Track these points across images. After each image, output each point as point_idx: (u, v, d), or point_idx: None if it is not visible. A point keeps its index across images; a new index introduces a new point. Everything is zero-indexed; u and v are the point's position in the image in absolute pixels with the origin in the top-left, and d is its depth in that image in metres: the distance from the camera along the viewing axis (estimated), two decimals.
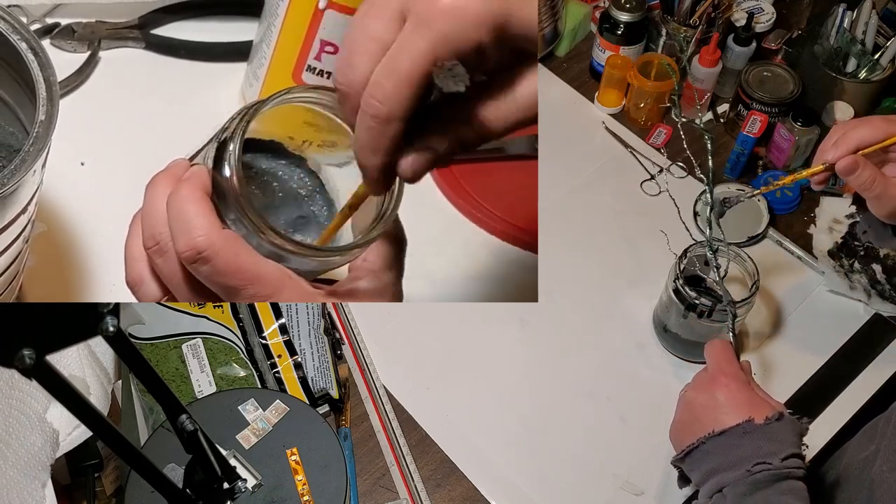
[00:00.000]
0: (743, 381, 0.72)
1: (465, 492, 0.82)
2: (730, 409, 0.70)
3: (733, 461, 0.67)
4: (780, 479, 0.66)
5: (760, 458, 0.66)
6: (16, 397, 0.66)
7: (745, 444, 0.68)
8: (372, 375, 0.88)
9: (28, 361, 0.46)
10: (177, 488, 0.64)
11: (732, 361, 0.74)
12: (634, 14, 1.07)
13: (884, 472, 0.68)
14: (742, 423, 0.68)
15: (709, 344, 0.77)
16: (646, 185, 1.04)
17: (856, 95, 1.01)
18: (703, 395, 0.73)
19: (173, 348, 0.84)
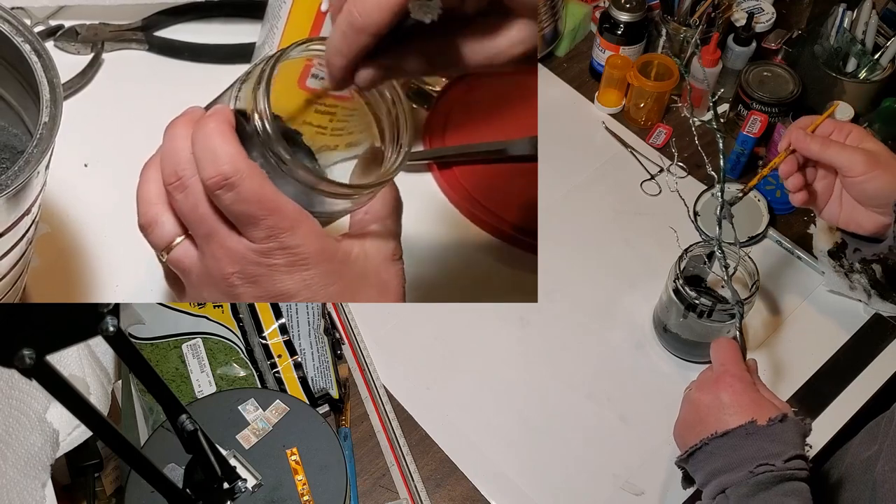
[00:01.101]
0: (747, 382, 0.72)
1: (465, 492, 0.82)
2: (733, 410, 0.70)
3: (736, 462, 0.67)
4: (782, 480, 0.65)
5: (763, 459, 0.66)
6: (16, 397, 0.66)
7: (747, 445, 0.68)
8: (372, 375, 0.88)
9: (28, 361, 0.46)
10: (177, 488, 0.64)
11: (738, 361, 0.74)
12: (634, 14, 1.07)
13: (886, 472, 0.68)
14: (745, 425, 0.68)
15: (714, 343, 0.77)
16: (646, 185, 1.04)
17: (856, 95, 1.02)
18: (708, 396, 0.73)
19: (173, 348, 0.84)
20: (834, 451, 0.82)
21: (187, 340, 0.85)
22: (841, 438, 0.84)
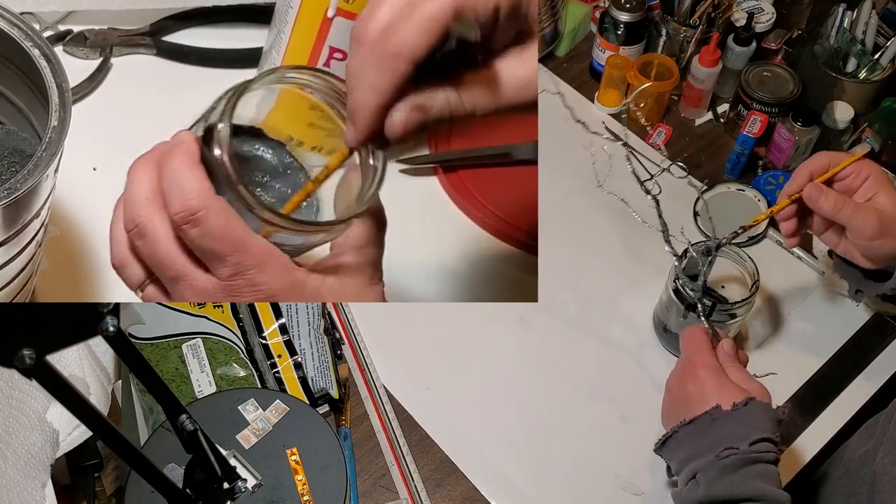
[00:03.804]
0: (713, 368, 0.73)
1: (465, 492, 0.82)
2: (700, 396, 0.71)
3: (704, 448, 0.68)
4: (748, 463, 0.66)
5: (728, 443, 0.67)
6: (16, 397, 0.66)
7: (713, 430, 0.69)
8: (372, 375, 0.88)
9: (28, 361, 0.46)
10: (177, 488, 0.64)
11: (702, 349, 0.75)
12: (634, 14, 1.07)
13: (886, 465, 0.68)
14: (710, 410, 0.69)
15: (683, 332, 0.77)
16: (646, 184, 1.04)
17: (856, 95, 1.01)
18: (678, 385, 0.75)
19: (173, 348, 0.84)
20: (833, 451, 0.82)
21: (187, 340, 0.85)
22: (841, 438, 0.84)
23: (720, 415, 0.69)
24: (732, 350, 0.76)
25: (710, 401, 0.70)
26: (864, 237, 0.75)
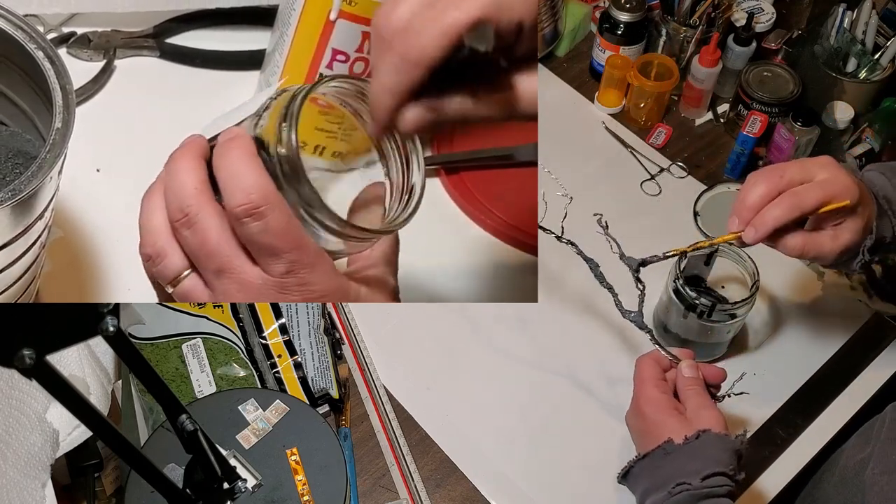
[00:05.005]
0: (661, 402, 0.72)
1: (465, 492, 0.82)
2: (647, 431, 0.71)
3: (660, 482, 0.68)
4: (700, 498, 0.66)
5: (681, 478, 0.67)
6: (16, 397, 0.66)
7: (666, 464, 0.69)
8: (372, 375, 0.88)
9: (28, 361, 0.46)
10: (177, 488, 0.64)
11: (646, 381, 0.74)
12: (634, 14, 1.07)
13: (875, 475, 0.68)
14: (663, 444, 0.69)
15: (636, 362, 0.77)
16: (646, 185, 1.04)
17: (856, 95, 1.01)
18: (632, 419, 0.75)
19: (173, 348, 0.84)
20: (833, 452, 0.82)
21: (187, 340, 0.85)
22: (840, 439, 0.84)
23: (672, 448, 0.69)
24: (693, 372, 0.74)
25: (659, 435, 0.70)
26: (831, 258, 0.73)
